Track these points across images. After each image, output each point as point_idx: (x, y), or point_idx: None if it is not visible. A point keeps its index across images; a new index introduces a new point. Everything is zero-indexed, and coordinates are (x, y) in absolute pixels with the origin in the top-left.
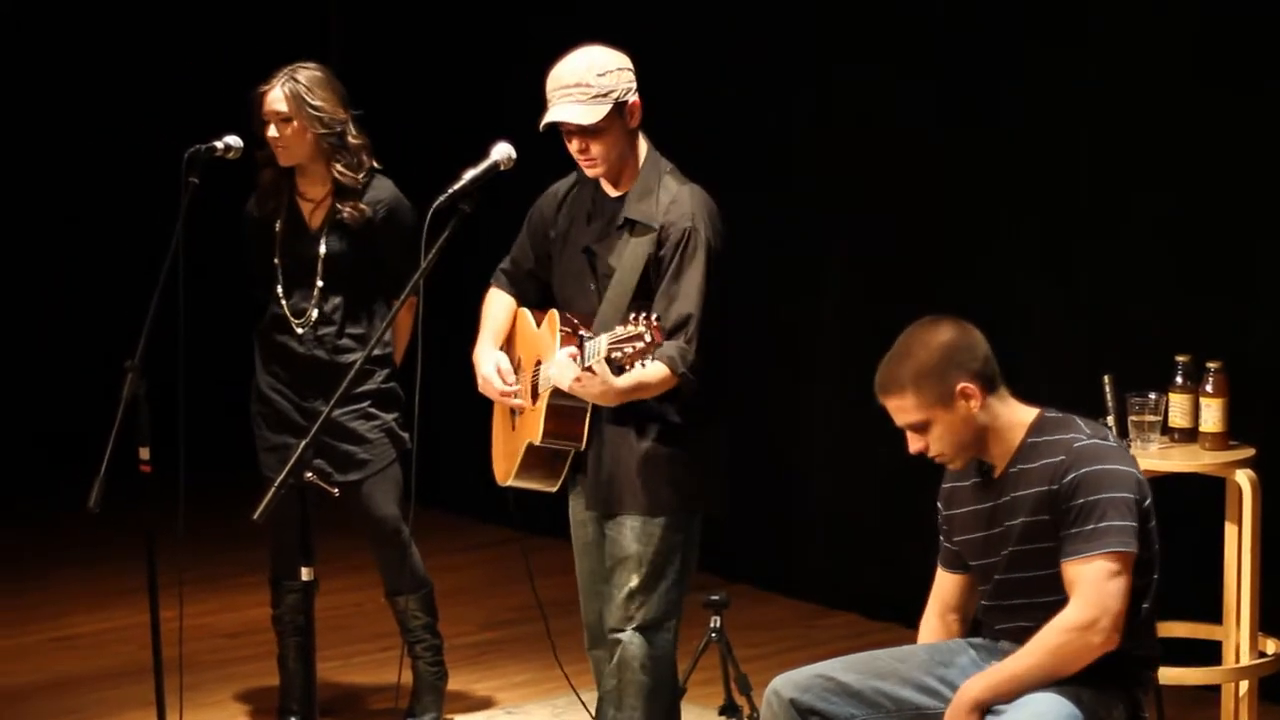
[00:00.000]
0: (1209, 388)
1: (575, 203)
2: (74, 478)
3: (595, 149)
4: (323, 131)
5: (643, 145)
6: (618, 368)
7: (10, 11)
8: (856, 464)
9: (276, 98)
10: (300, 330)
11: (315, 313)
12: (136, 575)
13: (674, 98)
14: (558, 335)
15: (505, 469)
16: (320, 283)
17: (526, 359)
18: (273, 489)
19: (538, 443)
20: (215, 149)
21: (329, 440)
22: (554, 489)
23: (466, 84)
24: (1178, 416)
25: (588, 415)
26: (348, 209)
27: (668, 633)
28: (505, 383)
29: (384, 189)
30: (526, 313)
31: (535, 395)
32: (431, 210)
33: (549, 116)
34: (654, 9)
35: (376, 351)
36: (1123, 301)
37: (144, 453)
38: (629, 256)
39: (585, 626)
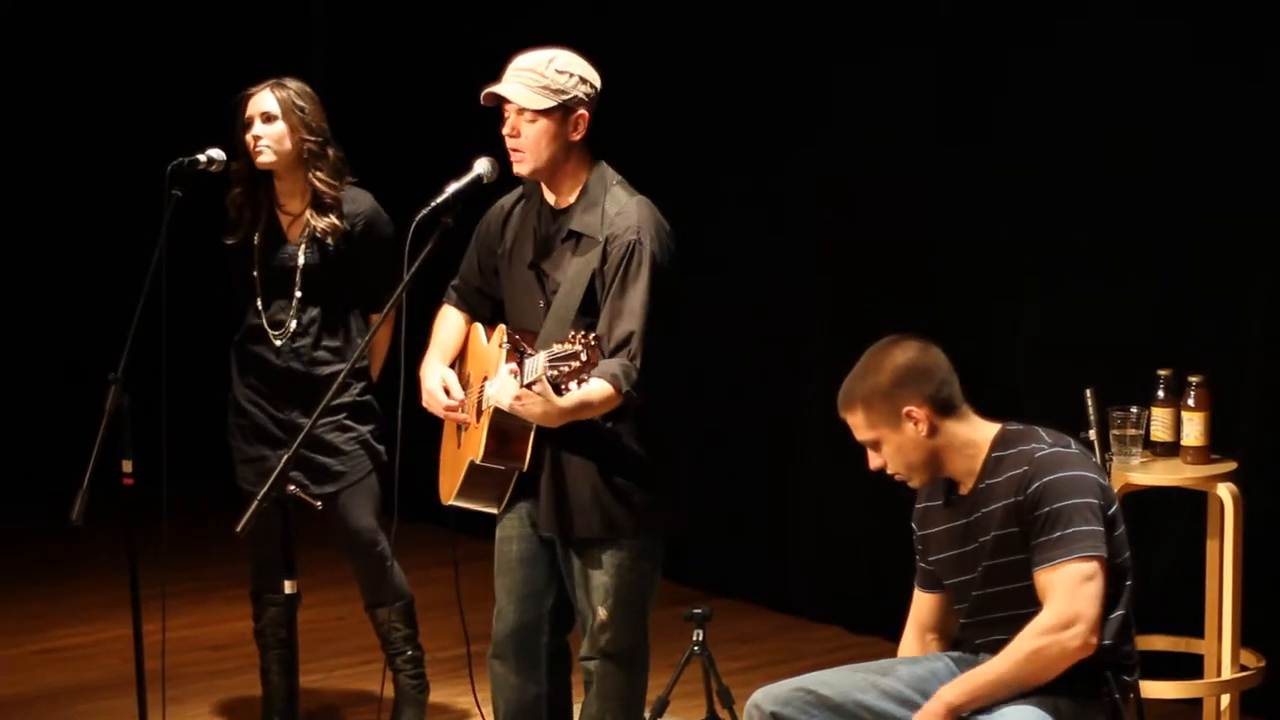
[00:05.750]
0: (1191, 402)
1: (521, 218)
2: (57, 490)
3: (525, 136)
4: (307, 137)
5: (589, 160)
6: (555, 387)
7: None
8: (841, 478)
9: (265, 98)
10: (278, 342)
11: (293, 324)
12: (119, 588)
13: (665, 110)
14: (503, 352)
15: (449, 487)
16: (298, 293)
17: (475, 375)
18: (255, 502)
19: (479, 461)
20: (198, 162)
21: (305, 452)
22: (497, 510)
23: (449, 97)
24: (1160, 430)
25: (531, 435)
26: (324, 222)
27: (641, 657)
28: (450, 397)
29: (362, 201)
30: (479, 328)
31: (480, 413)
32: (414, 223)
33: (491, 88)
34: (645, 30)
35: (356, 364)
36: (1106, 315)
37: (127, 465)
38: (573, 271)
39: (494, 639)
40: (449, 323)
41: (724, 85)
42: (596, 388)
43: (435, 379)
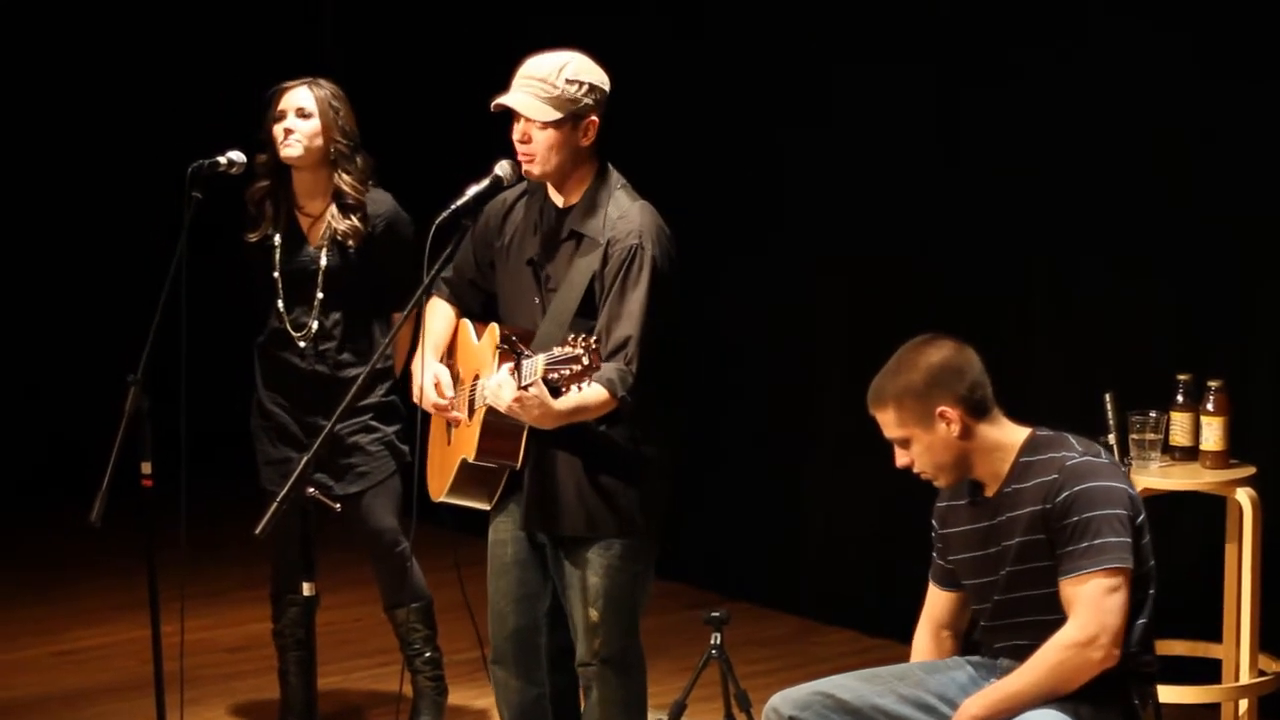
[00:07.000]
0: (1210, 406)
1: (523, 213)
2: (76, 492)
3: (535, 143)
4: (338, 139)
5: (596, 162)
6: (554, 389)
7: (11, 25)
8: (855, 481)
9: (302, 94)
10: (302, 345)
11: (316, 326)
12: (138, 589)
13: (665, 110)
14: (496, 352)
15: (439, 485)
16: (320, 295)
17: (466, 372)
18: (274, 504)
19: (472, 460)
20: (218, 164)
21: (329, 453)
22: (489, 506)
23: (469, 99)
24: (1179, 435)
25: (524, 434)
26: (347, 224)
27: (635, 658)
28: (442, 396)
29: (383, 202)
30: (468, 324)
31: (472, 410)
32: (434, 226)
33: (500, 98)
34: (646, 31)
35: (378, 365)
36: (1125, 320)
37: (146, 467)
38: (573, 272)
39: (493, 644)
40: (438, 316)
41: (725, 84)
42: (593, 393)
43: (428, 375)
